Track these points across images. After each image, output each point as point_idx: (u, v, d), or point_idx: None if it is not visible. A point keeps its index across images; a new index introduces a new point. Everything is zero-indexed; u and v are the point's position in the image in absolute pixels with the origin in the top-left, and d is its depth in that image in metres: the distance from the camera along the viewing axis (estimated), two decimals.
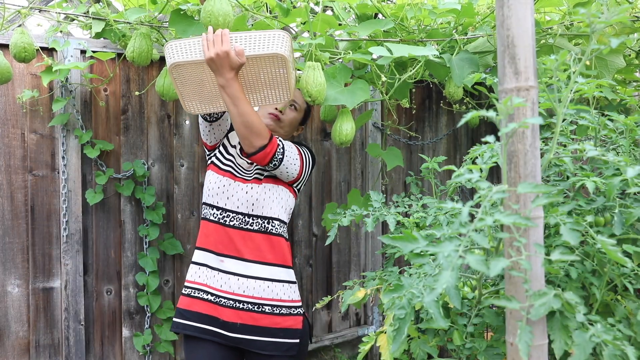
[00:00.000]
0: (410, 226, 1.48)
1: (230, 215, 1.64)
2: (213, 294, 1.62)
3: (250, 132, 1.51)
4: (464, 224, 0.83)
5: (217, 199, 1.65)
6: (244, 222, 1.63)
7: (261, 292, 1.61)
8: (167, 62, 1.46)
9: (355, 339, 2.78)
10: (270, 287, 1.62)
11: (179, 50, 1.44)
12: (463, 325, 1.18)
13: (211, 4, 1.47)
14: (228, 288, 1.61)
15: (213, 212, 1.66)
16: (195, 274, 1.66)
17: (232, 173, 1.68)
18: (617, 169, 1.11)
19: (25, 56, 1.70)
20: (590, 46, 1.02)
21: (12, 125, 1.98)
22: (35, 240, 2.03)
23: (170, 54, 1.45)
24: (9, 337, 1.99)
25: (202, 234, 1.68)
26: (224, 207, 1.64)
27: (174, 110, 2.29)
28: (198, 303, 1.63)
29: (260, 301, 1.61)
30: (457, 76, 1.69)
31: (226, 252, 1.62)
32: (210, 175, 1.70)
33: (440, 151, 3.03)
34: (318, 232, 2.65)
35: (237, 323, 1.59)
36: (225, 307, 1.60)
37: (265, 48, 1.43)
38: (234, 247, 1.62)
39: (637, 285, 1.07)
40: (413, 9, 1.69)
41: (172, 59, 1.45)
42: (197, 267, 1.66)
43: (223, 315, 1.60)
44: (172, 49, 1.44)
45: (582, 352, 0.86)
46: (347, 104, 1.60)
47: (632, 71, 2.11)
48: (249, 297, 1.60)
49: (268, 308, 1.61)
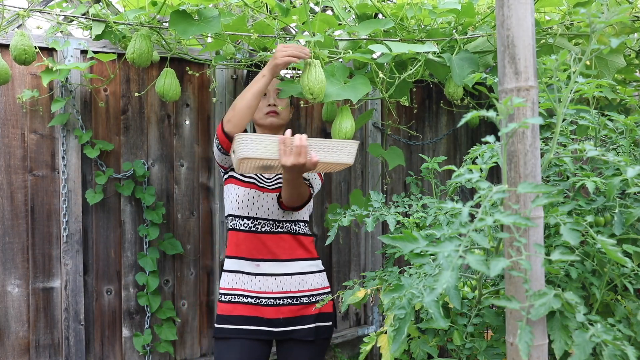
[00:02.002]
0: (410, 226, 1.48)
1: (262, 222, 1.74)
2: (253, 297, 1.72)
3: (300, 200, 1.69)
4: (464, 224, 0.83)
5: (248, 210, 1.74)
6: (275, 227, 1.75)
7: (297, 286, 1.74)
8: (237, 152, 1.47)
9: (355, 339, 2.78)
10: (305, 279, 1.76)
11: (252, 144, 1.47)
12: (463, 325, 1.18)
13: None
14: (267, 288, 1.72)
15: (244, 222, 1.75)
16: (232, 281, 1.75)
17: (256, 184, 1.76)
18: (617, 169, 1.11)
19: (26, 58, 1.70)
20: (591, 46, 1.02)
21: (12, 125, 1.98)
22: (35, 240, 2.03)
23: (243, 146, 1.47)
24: (9, 337, 1.99)
25: (232, 243, 1.77)
26: (254, 217, 1.74)
27: (174, 110, 2.29)
28: (239, 307, 1.72)
29: (298, 294, 1.74)
30: (457, 75, 1.68)
31: (261, 256, 1.73)
32: (234, 189, 1.77)
33: (440, 151, 3.03)
34: (318, 232, 2.65)
35: (280, 318, 1.71)
36: (267, 306, 1.71)
37: (336, 156, 1.54)
38: (268, 251, 1.74)
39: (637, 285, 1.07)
40: (413, 8, 1.69)
41: (245, 153, 1.47)
42: (233, 274, 1.75)
43: (265, 314, 1.71)
44: (245, 142, 1.47)
45: (582, 352, 0.86)
46: (352, 98, 1.60)
47: (632, 71, 2.10)
48: (287, 293, 1.73)
49: (305, 299, 1.75)
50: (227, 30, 1.76)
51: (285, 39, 1.89)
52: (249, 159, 1.49)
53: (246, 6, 1.70)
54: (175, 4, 1.70)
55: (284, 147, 1.48)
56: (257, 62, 2.13)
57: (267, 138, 1.48)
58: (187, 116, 2.31)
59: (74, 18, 1.89)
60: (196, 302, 2.35)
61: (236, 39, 1.89)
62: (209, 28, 1.60)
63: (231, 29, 1.77)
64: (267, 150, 1.48)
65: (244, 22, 1.74)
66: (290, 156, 1.47)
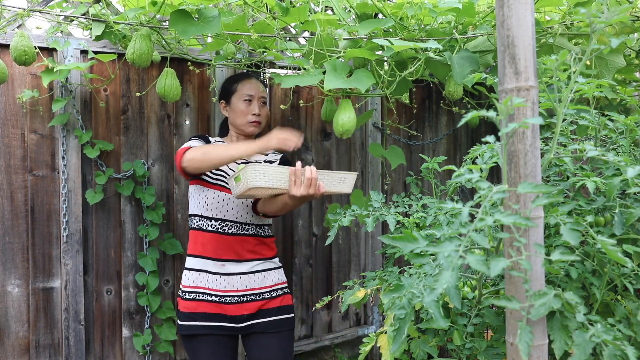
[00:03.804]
0: (410, 226, 1.48)
1: (229, 224, 1.78)
2: (217, 295, 1.76)
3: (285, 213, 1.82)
4: (464, 224, 0.83)
5: (217, 212, 1.78)
6: (241, 229, 1.80)
7: (260, 283, 1.81)
8: (249, 182, 1.53)
9: (355, 339, 2.78)
10: (266, 276, 1.83)
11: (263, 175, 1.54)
12: (463, 325, 1.18)
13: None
14: (232, 287, 1.77)
15: (211, 224, 1.78)
16: (197, 279, 1.78)
17: (225, 187, 1.79)
18: (617, 169, 1.11)
19: (26, 59, 1.70)
20: (591, 46, 1.02)
21: (12, 125, 1.98)
22: (35, 240, 2.03)
23: (255, 176, 1.53)
24: (9, 337, 1.99)
25: (197, 242, 1.80)
26: (222, 218, 1.78)
27: (174, 110, 2.29)
28: (203, 305, 1.76)
29: (261, 290, 1.80)
30: (457, 74, 1.68)
31: (226, 256, 1.78)
32: (201, 190, 1.80)
33: (440, 151, 3.03)
34: (318, 232, 2.65)
35: (244, 314, 1.77)
36: (230, 304, 1.76)
37: (340, 187, 1.66)
38: (233, 252, 1.78)
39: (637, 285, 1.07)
40: (413, 7, 1.69)
41: (257, 183, 1.53)
42: (197, 273, 1.78)
43: (229, 311, 1.76)
44: (257, 173, 1.53)
45: (582, 352, 0.86)
46: (359, 87, 1.61)
47: (632, 71, 2.10)
48: (250, 290, 1.79)
49: (267, 294, 1.81)
50: (227, 30, 1.76)
51: (285, 38, 1.89)
52: (258, 188, 1.55)
53: (246, 5, 1.70)
54: (175, 4, 1.70)
55: (295, 179, 1.55)
56: (257, 62, 2.13)
57: (278, 169, 1.56)
58: (187, 116, 2.31)
59: (74, 18, 1.89)
60: None
61: (236, 38, 1.89)
62: (209, 28, 1.60)
63: (231, 29, 1.77)
64: (277, 180, 1.56)
65: (244, 22, 1.74)
66: (300, 187, 1.55)
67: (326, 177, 1.62)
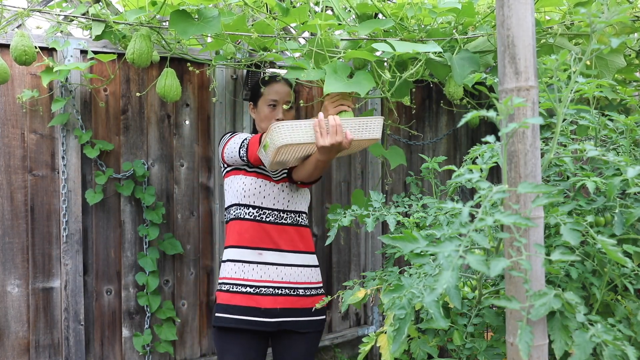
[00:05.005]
0: (410, 226, 1.48)
1: (267, 212, 1.80)
2: (252, 286, 1.77)
3: (315, 177, 1.77)
4: (464, 224, 0.83)
5: (254, 199, 1.80)
6: (279, 217, 1.82)
7: (296, 277, 1.81)
8: (275, 141, 1.53)
9: (355, 339, 2.78)
10: (303, 272, 1.83)
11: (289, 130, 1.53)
12: (463, 325, 1.18)
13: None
14: (267, 277, 1.78)
15: (249, 211, 1.80)
16: (232, 270, 1.79)
17: (262, 174, 1.83)
18: (617, 169, 1.11)
19: (26, 59, 1.70)
20: (591, 46, 1.02)
21: (12, 125, 1.98)
22: (35, 240, 2.03)
23: (281, 134, 1.53)
24: (8, 337, 1.99)
25: (235, 232, 1.81)
26: (260, 206, 1.80)
27: (174, 110, 2.29)
28: (237, 297, 1.77)
29: (296, 285, 1.81)
30: (458, 75, 1.68)
31: (264, 245, 1.79)
32: (239, 179, 1.83)
33: (440, 151, 3.03)
34: (318, 232, 2.65)
35: (277, 308, 1.77)
36: (264, 295, 1.77)
37: (367, 133, 1.62)
38: (271, 240, 1.80)
39: (637, 286, 1.07)
40: (413, 8, 1.69)
41: (284, 140, 1.53)
42: (233, 263, 1.80)
43: (262, 304, 1.76)
44: (281, 130, 1.52)
45: (582, 352, 0.86)
46: (359, 92, 1.61)
47: (633, 71, 2.10)
48: (286, 283, 1.80)
49: (302, 290, 1.82)
50: (227, 30, 1.75)
51: (285, 39, 1.89)
52: (287, 147, 1.54)
53: (246, 5, 1.70)
54: (175, 4, 1.70)
55: (320, 129, 1.53)
56: (257, 62, 2.13)
57: (301, 123, 1.54)
58: (187, 116, 2.31)
59: (74, 18, 1.89)
60: (196, 302, 2.35)
61: (236, 38, 1.89)
62: (209, 28, 1.60)
63: (231, 29, 1.77)
64: (303, 134, 1.54)
65: (244, 22, 1.74)
66: (327, 137, 1.53)
67: (351, 124, 1.59)
